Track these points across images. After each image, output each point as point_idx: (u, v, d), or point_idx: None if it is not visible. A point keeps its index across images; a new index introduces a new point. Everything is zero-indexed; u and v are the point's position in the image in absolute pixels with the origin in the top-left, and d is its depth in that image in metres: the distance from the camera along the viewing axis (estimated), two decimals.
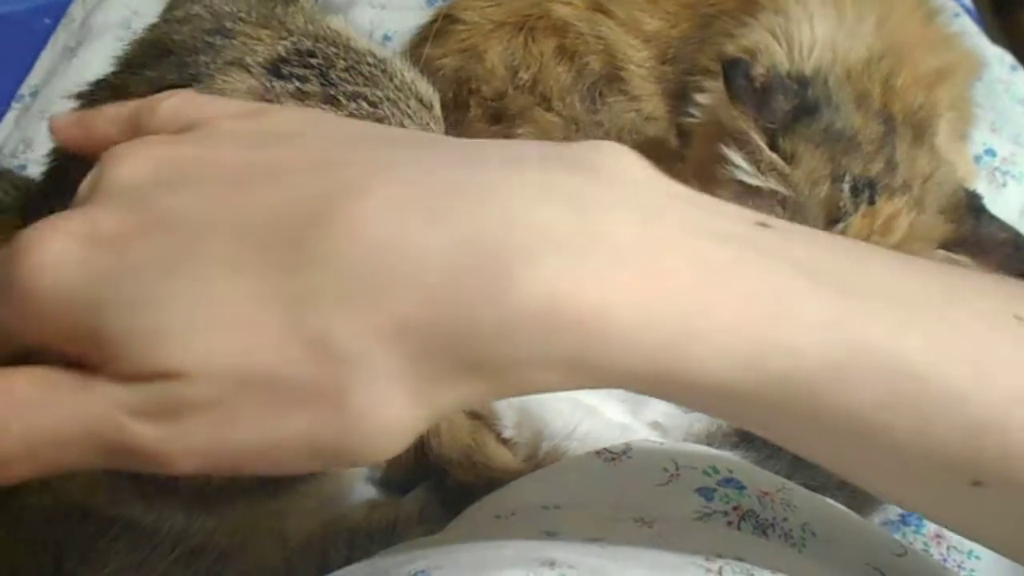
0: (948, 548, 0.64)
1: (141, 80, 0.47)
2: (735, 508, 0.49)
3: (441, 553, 0.40)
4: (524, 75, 0.85)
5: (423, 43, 0.88)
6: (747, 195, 0.65)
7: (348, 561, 0.58)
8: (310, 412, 0.29)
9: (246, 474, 0.31)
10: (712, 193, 0.66)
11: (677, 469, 0.52)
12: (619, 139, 0.73)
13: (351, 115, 0.46)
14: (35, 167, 0.53)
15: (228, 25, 0.48)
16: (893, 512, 0.66)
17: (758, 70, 0.67)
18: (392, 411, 0.29)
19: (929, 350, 0.32)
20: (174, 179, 0.31)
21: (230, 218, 0.30)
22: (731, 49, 0.69)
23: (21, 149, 1.00)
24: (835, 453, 0.35)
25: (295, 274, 0.29)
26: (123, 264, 0.29)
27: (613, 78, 0.84)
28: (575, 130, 0.73)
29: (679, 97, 0.77)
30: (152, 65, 0.47)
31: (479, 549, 0.40)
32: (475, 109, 0.78)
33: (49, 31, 1.16)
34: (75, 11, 1.18)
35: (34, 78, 1.11)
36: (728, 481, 0.51)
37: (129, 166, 0.32)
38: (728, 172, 0.65)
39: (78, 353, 0.30)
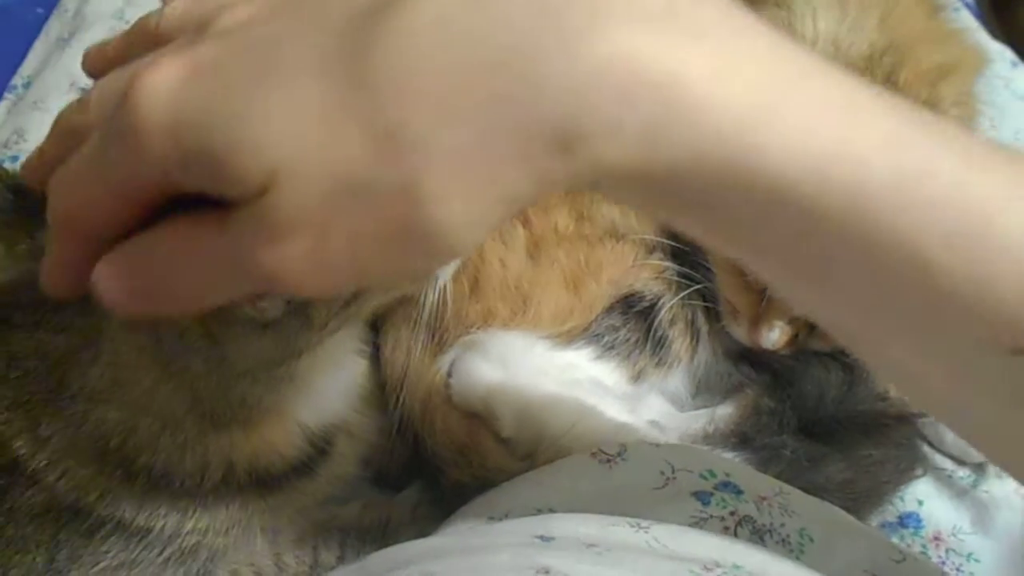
0: (947, 551, 0.64)
1: None
2: (732, 513, 0.49)
3: (434, 559, 0.39)
4: None
5: None
6: None
7: (340, 560, 0.58)
8: (390, 205, 0.29)
9: (347, 287, 0.34)
10: None
11: (673, 472, 0.52)
12: None
13: None
14: None
15: None
16: (891, 514, 0.65)
17: None
18: (465, 192, 0.29)
19: (1000, 189, 0.30)
20: (258, 13, 0.33)
21: (306, 29, 0.31)
22: None
23: (14, 140, 0.98)
24: (883, 297, 0.33)
25: (367, 70, 0.29)
26: (221, 83, 0.30)
27: None
28: None
29: None
30: None
31: (473, 555, 0.40)
32: None
33: (42, 21, 1.15)
34: (68, 1, 1.16)
35: (27, 68, 1.10)
36: (725, 485, 0.51)
37: (230, 13, 0.34)
38: None
39: (194, 182, 0.31)
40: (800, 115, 0.30)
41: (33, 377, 0.47)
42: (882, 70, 0.60)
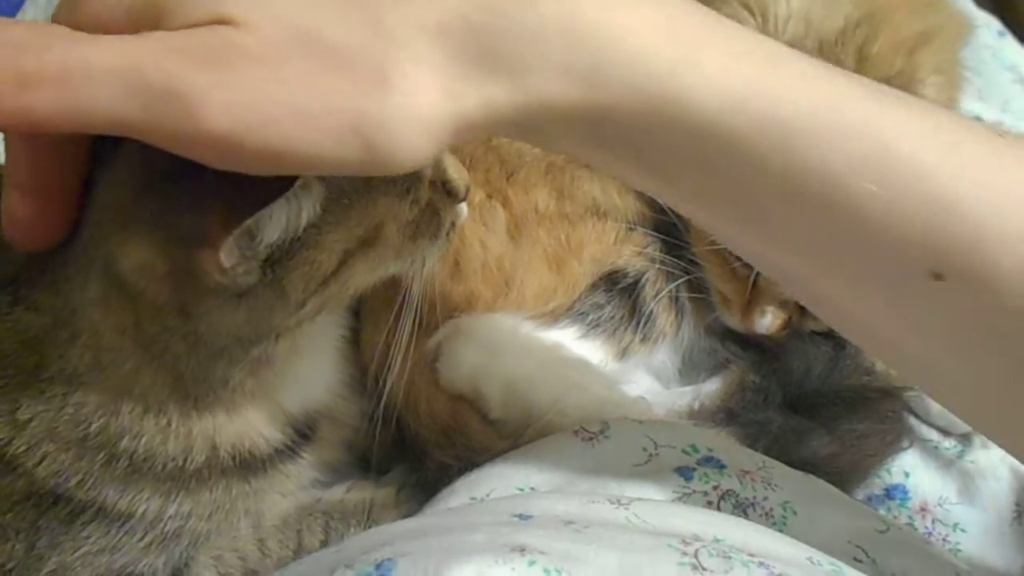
0: (933, 521, 0.63)
1: None
2: (715, 488, 0.48)
3: (410, 540, 0.39)
4: None
5: None
6: None
7: (323, 544, 0.57)
8: (357, 82, 0.31)
9: (266, 151, 0.31)
10: None
11: (656, 448, 0.51)
12: None
13: None
14: None
15: None
16: (878, 486, 0.65)
17: None
18: (426, 98, 0.32)
19: (901, 124, 0.34)
20: None
21: None
22: None
23: None
24: (804, 227, 0.36)
25: None
26: None
27: None
28: None
29: None
30: None
31: (449, 535, 0.39)
32: None
33: (16, 8, 1.13)
34: None
35: None
36: (708, 460, 0.50)
37: None
38: None
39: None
40: (722, 61, 0.34)
41: (10, 359, 0.46)
42: (854, 43, 0.59)
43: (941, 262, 0.34)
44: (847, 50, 0.59)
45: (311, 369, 0.57)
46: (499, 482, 0.51)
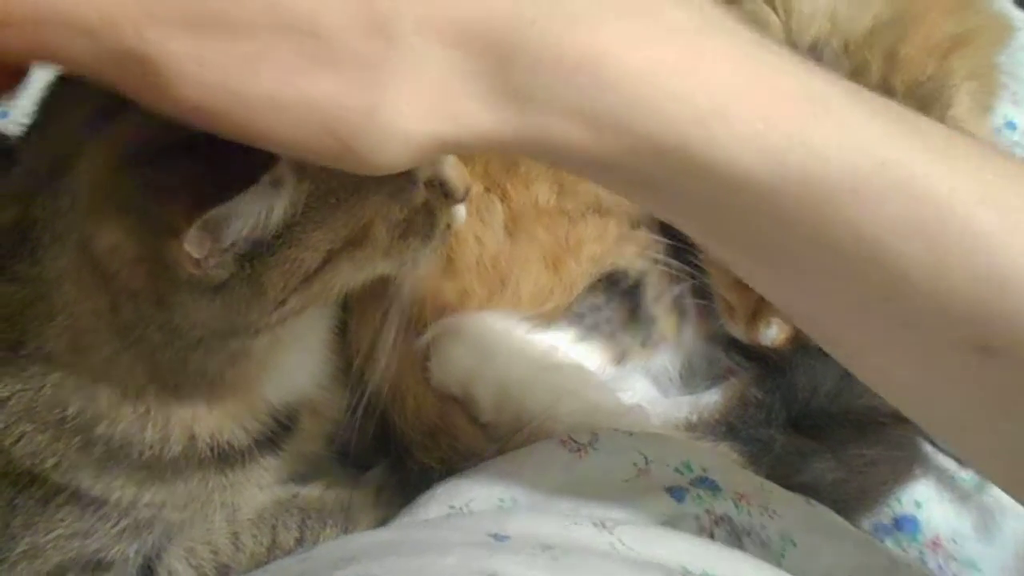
0: (946, 558, 0.60)
1: None
2: (708, 512, 0.46)
3: (380, 556, 0.37)
4: None
5: None
6: None
7: (298, 542, 0.56)
8: (344, 81, 0.29)
9: (235, 129, 0.30)
10: None
11: (647, 464, 0.49)
12: None
13: None
14: None
15: None
16: (886, 516, 0.61)
17: None
18: (418, 113, 0.30)
19: (958, 183, 0.31)
20: None
21: None
22: None
23: None
24: (839, 284, 0.34)
25: None
26: None
27: None
28: None
29: None
30: None
31: (420, 555, 0.37)
32: None
33: None
34: None
35: None
36: (702, 481, 0.48)
37: None
38: None
39: None
40: (757, 108, 0.31)
41: None
42: (882, 44, 0.56)
43: (989, 337, 0.32)
44: (874, 52, 0.56)
45: (295, 361, 0.56)
46: (479, 491, 0.49)
